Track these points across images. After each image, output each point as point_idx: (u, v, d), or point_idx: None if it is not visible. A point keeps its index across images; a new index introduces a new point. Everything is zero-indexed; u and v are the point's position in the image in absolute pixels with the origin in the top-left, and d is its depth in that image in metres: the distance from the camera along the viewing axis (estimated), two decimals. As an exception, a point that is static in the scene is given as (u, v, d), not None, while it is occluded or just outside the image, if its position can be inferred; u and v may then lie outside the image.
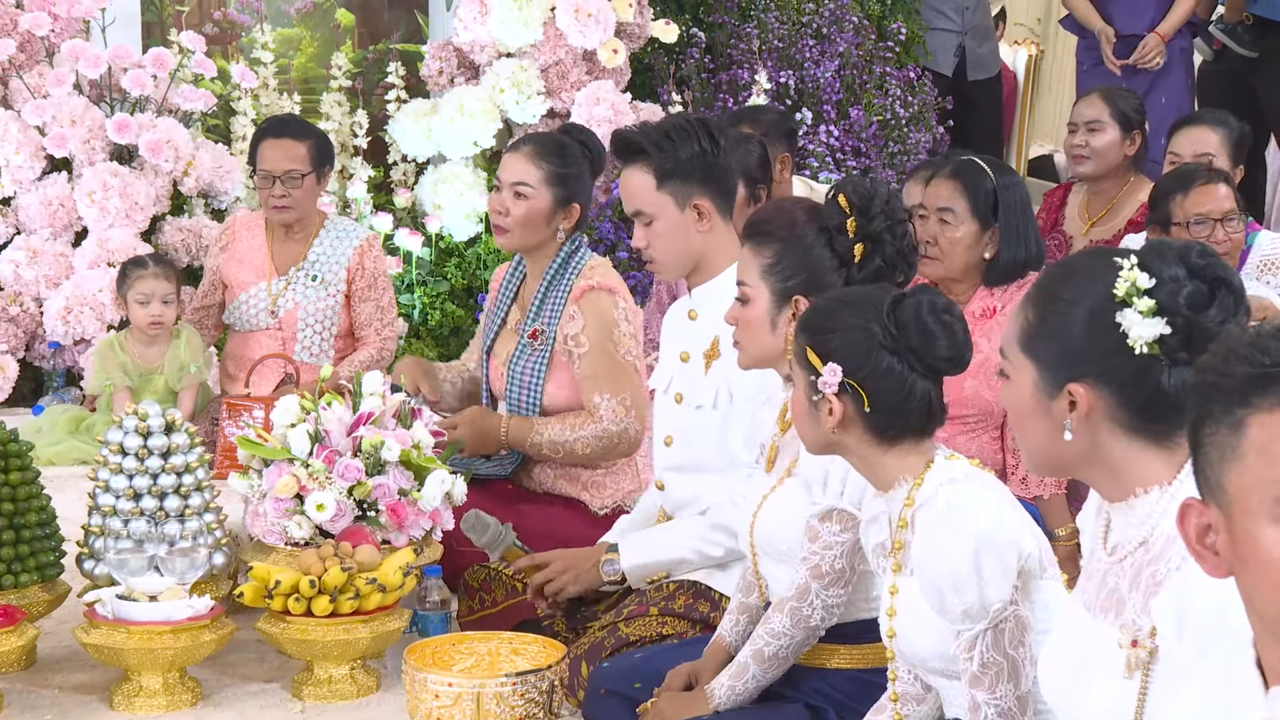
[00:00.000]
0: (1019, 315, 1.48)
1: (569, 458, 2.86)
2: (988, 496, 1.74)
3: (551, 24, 4.74)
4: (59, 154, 4.34)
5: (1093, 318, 1.42)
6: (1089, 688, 1.41)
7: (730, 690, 2.09)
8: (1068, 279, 1.46)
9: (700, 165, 2.44)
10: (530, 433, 2.86)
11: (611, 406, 2.81)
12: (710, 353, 2.47)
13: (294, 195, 3.70)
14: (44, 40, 4.52)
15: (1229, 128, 3.66)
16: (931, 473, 1.79)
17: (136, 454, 2.55)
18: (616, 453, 2.86)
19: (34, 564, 2.57)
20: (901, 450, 1.81)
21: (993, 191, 2.90)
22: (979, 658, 1.70)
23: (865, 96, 5.18)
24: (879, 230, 2.10)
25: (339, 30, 5.19)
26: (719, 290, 2.43)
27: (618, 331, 2.83)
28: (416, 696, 2.18)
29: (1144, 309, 1.40)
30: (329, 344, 3.84)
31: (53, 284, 4.27)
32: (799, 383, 1.87)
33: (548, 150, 2.92)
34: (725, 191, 2.47)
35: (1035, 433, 1.46)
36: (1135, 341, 1.40)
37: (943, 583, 1.71)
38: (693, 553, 2.48)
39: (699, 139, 2.44)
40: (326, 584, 2.39)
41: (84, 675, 2.52)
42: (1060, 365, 1.43)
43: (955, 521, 1.71)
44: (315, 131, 3.84)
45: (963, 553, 1.69)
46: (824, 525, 2.04)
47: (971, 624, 1.70)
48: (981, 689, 1.70)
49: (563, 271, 2.92)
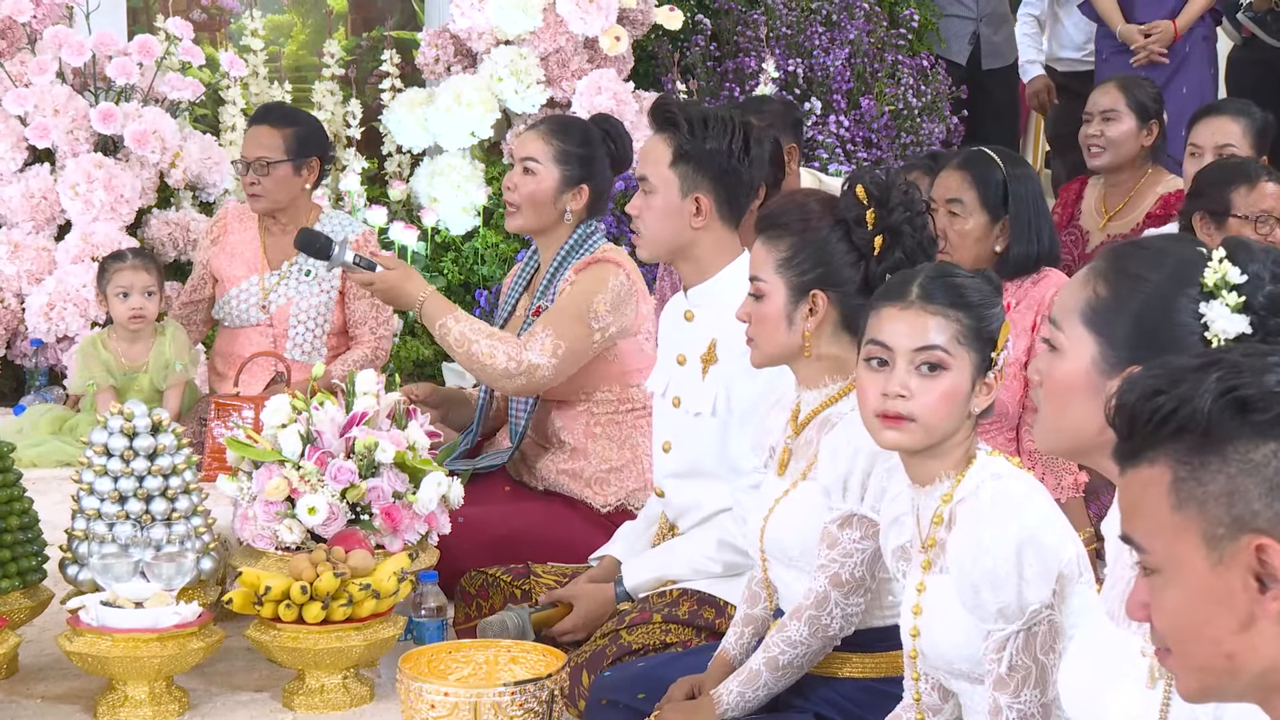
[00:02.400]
0: (1085, 288, 1.44)
1: (467, 360, 2.79)
2: (1034, 495, 1.71)
3: (551, 10, 4.70)
4: (41, 145, 4.28)
5: (1178, 303, 1.39)
6: (1111, 698, 1.38)
7: (740, 697, 2.05)
8: (1153, 259, 1.42)
9: (718, 163, 2.40)
10: (447, 315, 2.80)
11: (544, 342, 2.78)
12: (707, 357, 2.43)
13: (263, 184, 3.64)
14: (25, 27, 4.46)
15: (1251, 117, 3.62)
16: (974, 468, 1.75)
17: (122, 455, 2.51)
18: (514, 383, 2.78)
19: (15, 569, 2.53)
20: (950, 444, 1.77)
21: (1003, 183, 2.89)
22: (1008, 660, 1.66)
23: (876, 86, 5.14)
24: (899, 221, 2.07)
25: (331, 16, 5.14)
26: (715, 292, 2.41)
27: (598, 298, 2.80)
28: (411, 706, 2.14)
29: (1232, 304, 1.37)
30: (321, 341, 3.78)
31: (35, 279, 4.22)
32: (965, 368, 1.76)
33: (561, 129, 2.92)
34: (734, 199, 2.43)
35: (1077, 412, 1.42)
36: (1216, 335, 1.37)
37: (981, 579, 1.67)
38: (692, 571, 2.47)
39: (731, 139, 2.40)
40: (318, 590, 2.35)
41: (67, 684, 2.48)
42: (1132, 346, 1.39)
43: (1000, 517, 1.67)
44: (303, 120, 3.77)
45: (1005, 550, 1.65)
46: (844, 532, 2.00)
47: (1005, 624, 1.66)
48: (1006, 692, 1.66)
49: (574, 253, 2.91)
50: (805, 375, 2.11)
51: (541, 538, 2.80)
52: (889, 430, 1.76)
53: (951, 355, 1.75)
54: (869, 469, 1.98)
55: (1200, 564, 1.07)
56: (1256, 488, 1.04)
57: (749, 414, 2.32)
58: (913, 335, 1.75)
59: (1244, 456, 1.04)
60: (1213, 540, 1.06)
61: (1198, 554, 1.07)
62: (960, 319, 1.75)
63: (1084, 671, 1.44)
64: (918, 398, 1.74)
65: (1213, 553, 1.06)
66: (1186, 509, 1.07)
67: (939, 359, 1.75)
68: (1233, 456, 1.05)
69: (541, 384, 2.79)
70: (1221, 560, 1.06)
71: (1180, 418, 1.06)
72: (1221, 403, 1.05)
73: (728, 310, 2.25)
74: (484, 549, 2.79)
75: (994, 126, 5.33)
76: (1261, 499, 1.04)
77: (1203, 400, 1.05)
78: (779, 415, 2.17)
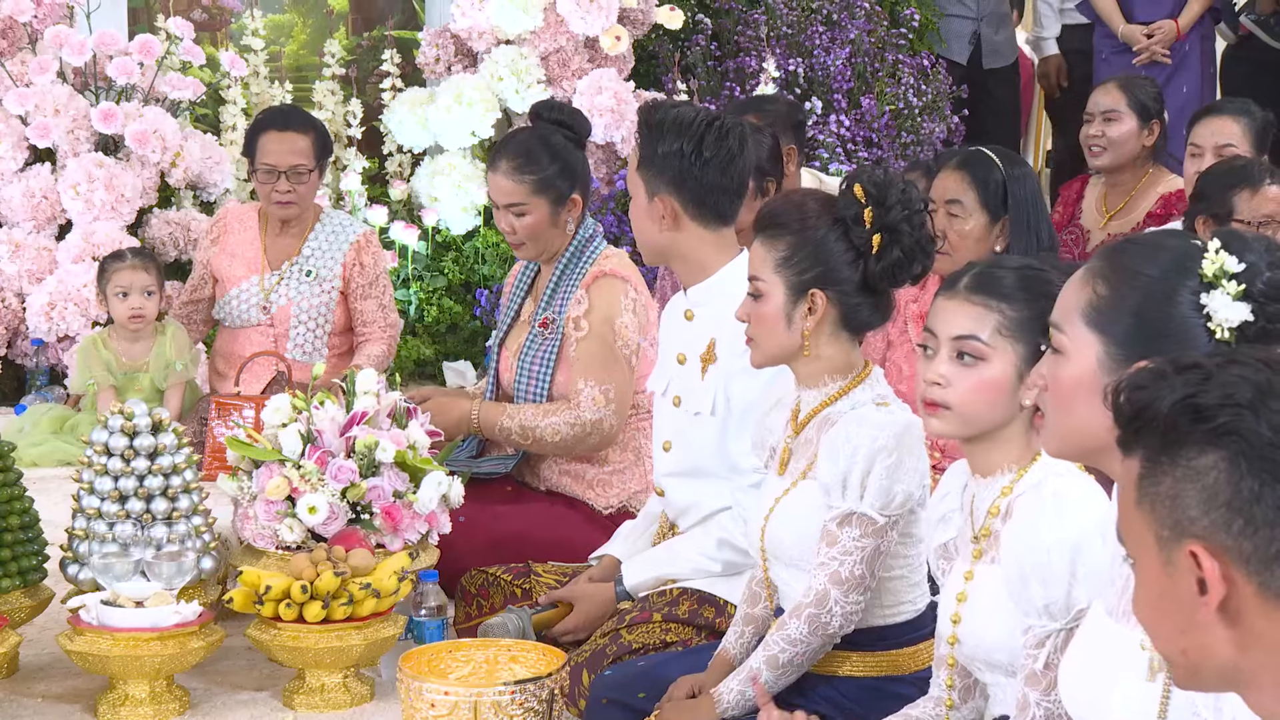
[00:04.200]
0: (1085, 288, 1.44)
1: (538, 445, 2.83)
2: (1096, 497, 1.69)
3: (552, 10, 4.70)
4: (42, 144, 4.29)
5: (1179, 295, 1.39)
6: (1111, 692, 1.38)
7: (740, 695, 2.05)
8: (1149, 254, 1.42)
9: (673, 165, 2.39)
10: (501, 416, 2.83)
11: (592, 394, 2.78)
12: (707, 356, 2.43)
13: (299, 191, 3.65)
14: (26, 26, 4.46)
15: (1251, 117, 3.62)
16: (1039, 464, 1.74)
17: (122, 455, 2.51)
18: (587, 444, 2.82)
19: (16, 568, 2.52)
20: (1005, 435, 1.77)
21: (1002, 183, 2.88)
22: (1045, 657, 1.64)
23: (877, 85, 5.14)
24: (896, 220, 2.06)
25: (332, 16, 5.14)
26: (714, 291, 2.40)
27: (619, 322, 2.80)
28: (412, 706, 2.13)
29: (1233, 292, 1.37)
30: (322, 341, 3.78)
31: (36, 279, 4.22)
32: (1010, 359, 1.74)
33: (523, 161, 2.87)
34: (700, 200, 2.40)
35: (1083, 413, 1.42)
36: (1219, 325, 1.37)
37: (1031, 573, 1.65)
38: (692, 570, 2.47)
39: (685, 141, 2.38)
40: (319, 589, 2.34)
41: (67, 683, 2.47)
42: (1136, 342, 1.39)
43: (1061, 513, 1.66)
44: (316, 123, 3.79)
45: (1062, 548, 1.63)
46: (843, 530, 2.00)
47: (1049, 621, 1.64)
48: (1038, 689, 1.64)
49: (576, 260, 2.90)
50: (805, 374, 2.11)
51: (542, 537, 2.79)
52: (930, 417, 1.78)
53: (991, 346, 1.74)
54: (868, 467, 1.98)
55: (1154, 563, 1.09)
56: (1196, 495, 1.05)
57: (748, 413, 2.31)
58: (953, 324, 1.75)
59: (1189, 463, 1.06)
60: (1161, 541, 1.08)
61: (1151, 553, 1.09)
62: (1004, 310, 1.73)
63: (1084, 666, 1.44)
64: (954, 386, 1.74)
65: (1161, 553, 1.08)
66: (1142, 506, 1.09)
67: (974, 349, 1.74)
68: (1180, 461, 1.06)
69: (612, 432, 2.83)
70: (1170, 561, 1.07)
71: (1146, 415, 1.08)
72: (1179, 407, 1.06)
73: (727, 309, 2.25)
74: (484, 548, 2.79)
75: (994, 126, 5.32)
76: (1198, 506, 1.05)
77: (1163, 402, 1.07)
78: (779, 415, 2.17)
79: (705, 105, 4.86)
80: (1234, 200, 3.06)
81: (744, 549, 2.33)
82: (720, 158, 2.38)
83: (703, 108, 2.55)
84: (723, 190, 2.40)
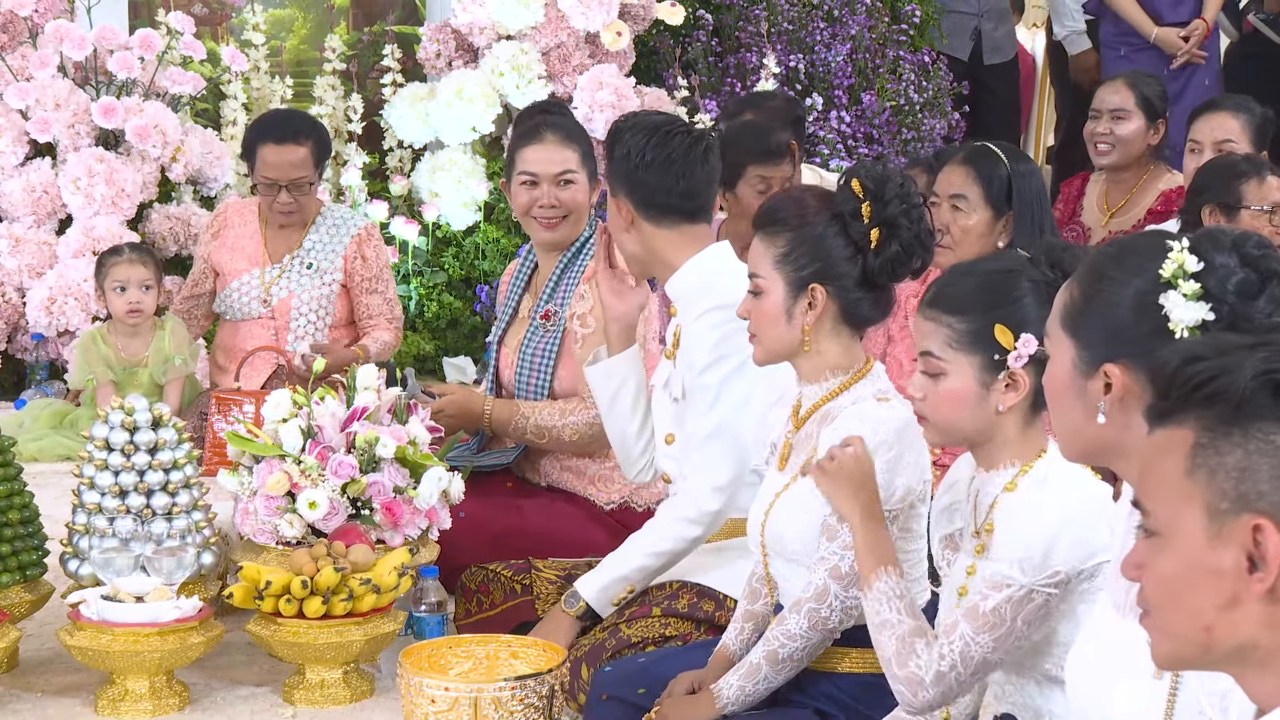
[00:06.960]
0: (1064, 293, 1.47)
1: (555, 444, 2.83)
2: (1099, 488, 1.70)
3: (553, 5, 4.70)
4: (42, 139, 4.29)
5: (1138, 298, 1.40)
6: (1118, 689, 1.39)
7: (740, 691, 2.05)
8: (1118, 258, 1.44)
9: (622, 170, 2.43)
10: (515, 415, 2.84)
11: None
12: (675, 344, 2.46)
13: (299, 201, 3.67)
14: (27, 21, 4.46)
15: (1250, 113, 3.62)
16: (1044, 460, 1.76)
17: (122, 450, 2.51)
18: (602, 441, 2.80)
19: (16, 563, 2.54)
20: (998, 439, 1.78)
21: (1006, 178, 2.88)
22: (993, 602, 1.68)
23: (878, 81, 5.14)
24: (895, 215, 2.06)
25: (333, 11, 5.13)
26: (683, 281, 2.43)
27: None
28: (412, 701, 2.13)
29: (1189, 292, 1.38)
30: (323, 334, 3.79)
31: (36, 274, 4.22)
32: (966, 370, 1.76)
33: (566, 133, 2.91)
34: (650, 201, 2.42)
35: (1070, 415, 1.45)
36: (1176, 325, 1.38)
37: (1016, 526, 1.69)
38: (649, 558, 2.41)
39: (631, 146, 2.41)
40: (319, 585, 2.35)
41: (68, 678, 2.48)
42: (1100, 345, 1.42)
43: (1062, 488, 1.70)
44: (314, 127, 3.78)
45: (1052, 508, 1.68)
46: (843, 525, 1.99)
47: (1018, 574, 1.68)
48: (972, 623, 1.69)
49: (579, 255, 2.90)
50: (806, 370, 2.11)
51: (543, 533, 2.79)
52: (922, 426, 1.84)
53: (944, 360, 1.77)
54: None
55: (1198, 534, 1.08)
56: (1269, 469, 1.05)
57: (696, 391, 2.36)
58: (917, 340, 1.81)
59: (1265, 437, 1.06)
60: (1214, 512, 1.07)
61: (1198, 524, 1.08)
62: (952, 324, 1.76)
63: (1091, 663, 1.45)
64: (927, 400, 1.80)
65: (1212, 524, 1.07)
66: (1196, 475, 1.08)
67: (931, 365, 1.79)
68: (1255, 434, 1.06)
69: None
70: (1219, 534, 1.07)
71: (1217, 385, 1.08)
72: (1260, 380, 1.06)
73: (691, 299, 2.34)
74: (485, 544, 2.78)
75: (995, 122, 5.33)
76: (1270, 481, 1.05)
77: (1243, 374, 1.07)
78: (780, 411, 2.17)
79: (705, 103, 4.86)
80: (1242, 189, 3.06)
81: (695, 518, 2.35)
82: (660, 160, 2.41)
83: (673, 116, 2.59)
84: (667, 190, 2.42)
